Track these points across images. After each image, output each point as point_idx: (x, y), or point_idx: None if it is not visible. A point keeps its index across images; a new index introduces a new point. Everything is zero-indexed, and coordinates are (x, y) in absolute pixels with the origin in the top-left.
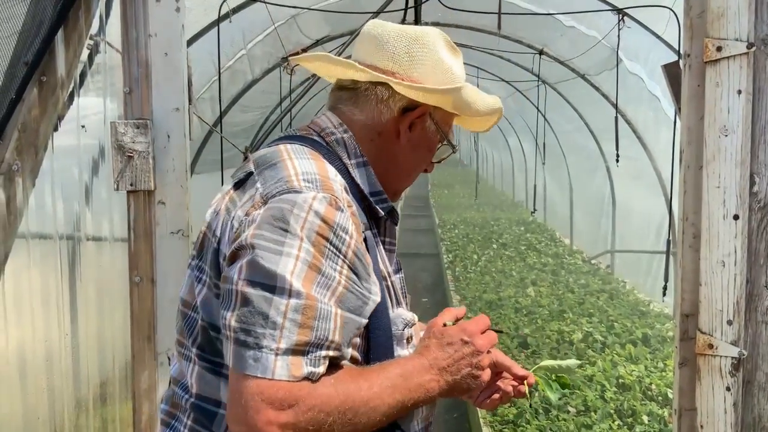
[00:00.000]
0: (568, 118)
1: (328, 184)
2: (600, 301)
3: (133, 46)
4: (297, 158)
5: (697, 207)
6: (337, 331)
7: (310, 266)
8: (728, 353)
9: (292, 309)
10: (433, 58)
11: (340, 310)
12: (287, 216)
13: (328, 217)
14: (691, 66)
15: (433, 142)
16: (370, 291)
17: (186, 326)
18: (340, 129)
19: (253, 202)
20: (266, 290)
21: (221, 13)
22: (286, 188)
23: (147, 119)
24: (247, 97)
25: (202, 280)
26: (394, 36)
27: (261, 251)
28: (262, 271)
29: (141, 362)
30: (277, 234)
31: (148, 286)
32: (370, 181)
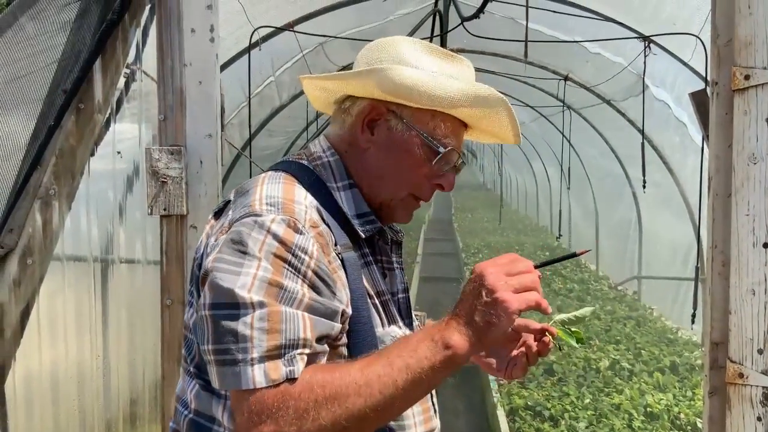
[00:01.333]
0: (592, 143)
1: (290, 207)
2: (627, 328)
3: (168, 74)
4: (268, 184)
5: (726, 235)
6: (308, 330)
7: (269, 282)
8: (759, 383)
9: (257, 318)
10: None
11: (307, 313)
12: (245, 239)
13: (286, 238)
14: (718, 94)
15: (407, 143)
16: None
17: (186, 346)
18: (328, 153)
19: (221, 229)
20: (230, 309)
21: (252, 41)
22: (248, 212)
23: (180, 145)
24: (274, 122)
25: (192, 304)
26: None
27: (220, 273)
28: (222, 291)
29: (171, 384)
30: (235, 256)
31: (179, 309)
32: (356, 203)
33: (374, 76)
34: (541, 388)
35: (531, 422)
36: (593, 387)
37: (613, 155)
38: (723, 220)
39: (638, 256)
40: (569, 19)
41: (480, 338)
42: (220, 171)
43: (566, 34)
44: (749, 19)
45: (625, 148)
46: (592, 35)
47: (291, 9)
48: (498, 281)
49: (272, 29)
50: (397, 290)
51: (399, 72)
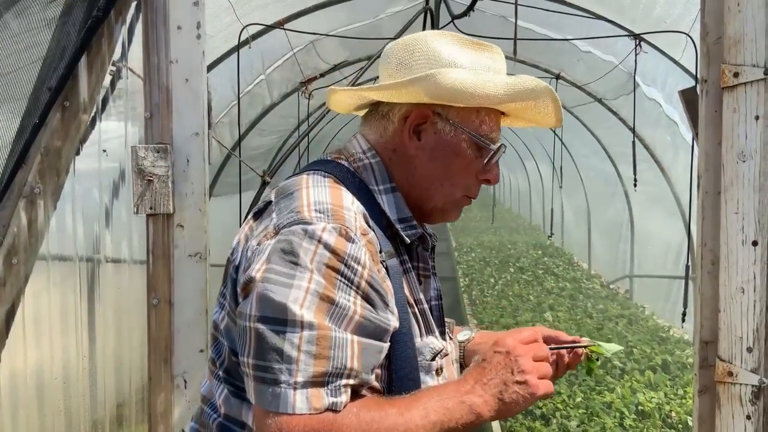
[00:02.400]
0: (585, 142)
1: (340, 214)
2: (619, 326)
3: (154, 72)
4: (313, 187)
5: (715, 233)
6: (355, 358)
7: (321, 297)
8: (748, 381)
9: (305, 341)
10: (427, 57)
11: (357, 336)
12: (296, 249)
13: (338, 248)
14: (708, 92)
15: (458, 145)
16: (388, 319)
17: (215, 349)
18: (369, 154)
19: (265, 232)
20: (278, 324)
21: (241, 39)
22: (297, 219)
23: (167, 144)
24: (265, 121)
25: (224, 307)
26: (392, 50)
27: (270, 284)
28: (272, 305)
29: (157, 385)
30: (286, 267)
31: (166, 308)
32: (398, 207)
33: (422, 84)
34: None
35: (522, 421)
36: (585, 385)
37: (605, 154)
38: (712, 218)
39: (630, 255)
40: (561, 17)
41: (501, 412)
42: (207, 170)
43: (558, 33)
44: (738, 16)
45: (617, 146)
46: (583, 34)
47: (281, 6)
48: (529, 364)
49: (262, 27)
50: (431, 297)
51: (447, 76)
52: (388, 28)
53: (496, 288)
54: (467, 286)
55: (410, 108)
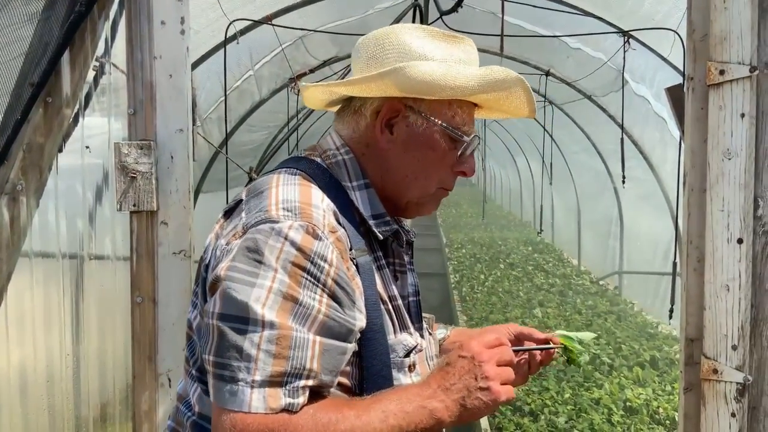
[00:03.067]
0: (575, 139)
1: (308, 212)
2: (608, 322)
3: (138, 67)
4: (282, 185)
5: (701, 230)
6: (315, 359)
7: (284, 296)
8: (733, 378)
9: (265, 340)
10: (398, 50)
11: (320, 337)
12: (261, 247)
13: (305, 245)
14: (694, 89)
15: (431, 138)
16: (354, 318)
17: (189, 347)
18: (342, 150)
19: (234, 232)
20: (239, 322)
21: (228, 34)
22: (264, 218)
23: (151, 140)
24: (254, 117)
25: (197, 306)
26: (363, 44)
27: (233, 283)
28: (234, 303)
29: (142, 383)
30: (250, 265)
31: (150, 306)
32: (371, 204)
33: (391, 77)
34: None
35: (511, 417)
36: (573, 381)
37: (594, 150)
38: (698, 216)
39: (619, 251)
40: (550, 14)
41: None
42: (191, 166)
43: (547, 30)
44: (724, 14)
45: (606, 143)
46: (572, 30)
47: (269, 1)
48: (493, 370)
49: (250, 22)
50: (408, 293)
51: (417, 69)
52: (377, 24)
53: (486, 284)
54: (458, 282)
55: (382, 102)
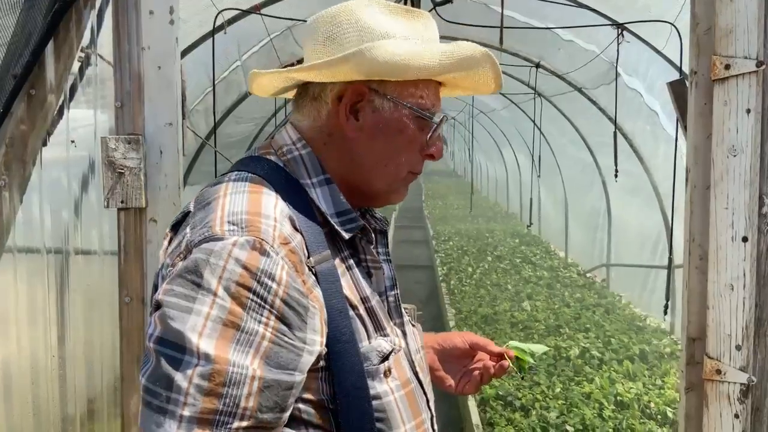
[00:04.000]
0: (563, 132)
1: (256, 224)
2: (596, 315)
3: (125, 59)
4: (231, 194)
5: (704, 228)
6: (252, 397)
7: (224, 323)
8: (737, 379)
9: (197, 374)
10: (357, 29)
11: (263, 370)
12: (201, 268)
13: (250, 263)
14: (697, 84)
15: (399, 121)
16: (305, 341)
17: None
18: (299, 144)
19: (179, 251)
20: (174, 350)
21: (216, 24)
22: (208, 235)
23: (139, 134)
24: (241, 108)
25: None
26: (317, 23)
27: (169, 309)
28: (170, 330)
29: (130, 385)
30: (187, 288)
31: (139, 306)
32: (334, 201)
33: (355, 60)
34: (511, 378)
35: (502, 412)
36: (564, 376)
37: (583, 143)
38: (701, 213)
39: (607, 244)
40: (543, 5)
41: None
42: (181, 161)
43: (540, 21)
44: (730, 6)
45: (595, 136)
46: (565, 22)
47: None
48: None
49: (238, 12)
50: (385, 288)
51: (382, 49)
52: None
53: (474, 277)
54: (445, 275)
55: (344, 86)
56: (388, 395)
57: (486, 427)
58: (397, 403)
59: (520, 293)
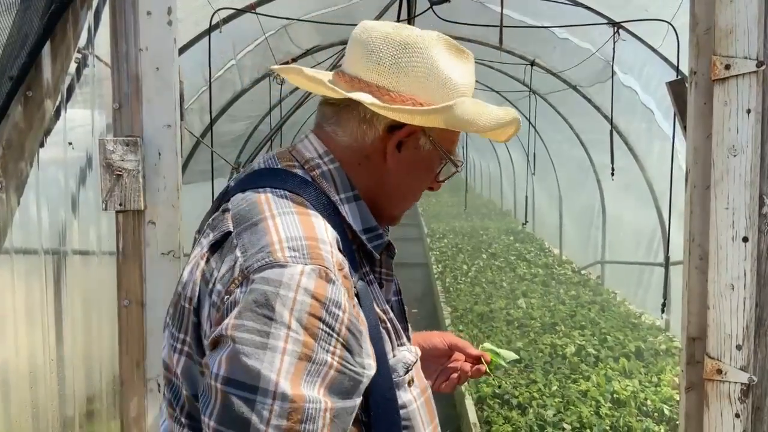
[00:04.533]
0: (558, 129)
1: (317, 251)
2: (591, 313)
3: (123, 60)
4: (280, 216)
5: (704, 228)
6: (325, 429)
7: (299, 357)
8: (738, 379)
9: (276, 415)
10: (426, 66)
11: (330, 400)
12: (272, 300)
13: (319, 293)
14: (697, 84)
15: (431, 160)
16: (363, 366)
17: (171, 392)
18: (326, 159)
19: (232, 276)
20: (248, 391)
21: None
22: (269, 261)
23: (137, 136)
24: (235, 107)
25: (180, 351)
26: (380, 41)
27: (242, 346)
28: (243, 369)
29: (130, 388)
30: (260, 323)
31: (138, 309)
32: (363, 217)
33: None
34: (508, 376)
35: (499, 410)
36: (560, 374)
37: (577, 141)
38: (701, 213)
39: (601, 241)
40: (539, 3)
41: None
42: (179, 163)
43: (535, 19)
44: (730, 6)
45: (590, 133)
46: (561, 20)
47: None
48: None
49: (233, 11)
50: (393, 293)
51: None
52: (363, 14)
53: (469, 275)
54: (440, 273)
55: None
56: (413, 404)
57: (483, 426)
58: (419, 410)
59: (516, 291)
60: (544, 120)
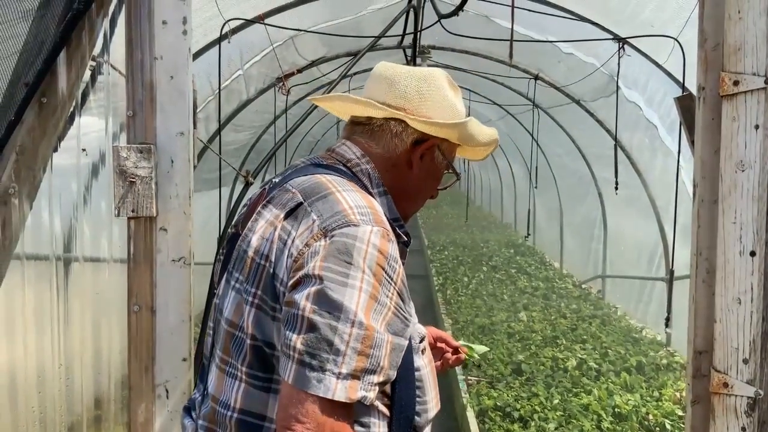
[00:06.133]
0: (559, 143)
1: (379, 218)
2: (592, 327)
3: (137, 68)
4: (345, 191)
5: (711, 242)
6: (386, 357)
7: (370, 296)
8: (744, 393)
9: (354, 338)
10: (440, 95)
11: (389, 335)
12: (350, 249)
13: (384, 249)
14: (705, 99)
15: (439, 171)
16: (410, 314)
17: (234, 346)
18: (364, 160)
19: (311, 234)
20: (332, 319)
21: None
22: (345, 222)
23: (150, 144)
24: (240, 116)
25: (251, 303)
26: (404, 76)
27: (329, 282)
28: (329, 301)
29: (138, 394)
30: (342, 266)
31: (148, 315)
32: (390, 209)
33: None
34: (510, 389)
35: (501, 423)
36: (561, 387)
37: (579, 154)
38: (708, 227)
39: (603, 255)
40: (543, 18)
41: None
42: (192, 171)
43: (540, 34)
44: (739, 24)
45: (592, 147)
46: (565, 35)
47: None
48: None
49: (242, 21)
50: None
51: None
52: (370, 26)
53: (470, 287)
54: (441, 284)
55: (421, 135)
56: (425, 368)
57: None
58: (428, 375)
59: (516, 303)
60: (546, 134)
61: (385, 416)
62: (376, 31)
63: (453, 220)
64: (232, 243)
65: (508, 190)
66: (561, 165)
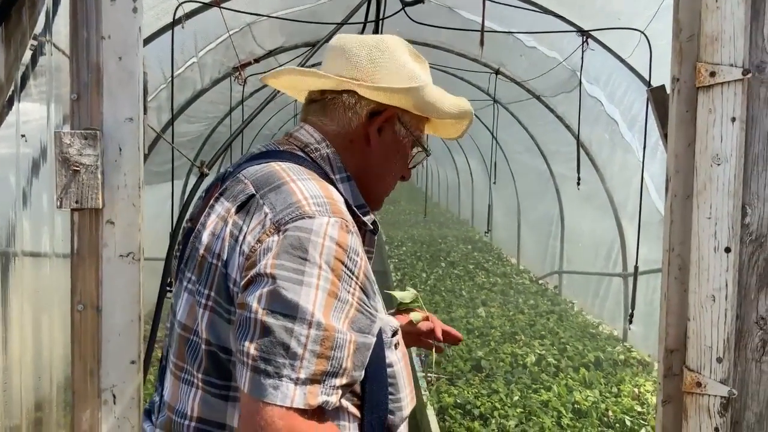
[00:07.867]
0: (518, 139)
1: (337, 207)
2: (550, 322)
3: (83, 48)
4: (299, 180)
5: (684, 238)
6: (349, 358)
7: (329, 293)
8: (717, 392)
9: (311, 340)
10: (395, 61)
11: (352, 334)
12: (305, 244)
13: (342, 241)
14: (680, 91)
15: (404, 146)
16: (376, 309)
17: (189, 351)
18: (323, 144)
19: (264, 229)
20: (287, 320)
21: (175, 17)
22: (299, 214)
23: (96, 129)
24: (194, 107)
25: (205, 305)
26: (355, 45)
27: (282, 281)
28: (283, 301)
29: (83, 399)
30: (296, 263)
31: (93, 314)
32: (353, 195)
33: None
34: (469, 386)
35: (461, 421)
36: (521, 383)
37: (537, 151)
38: (681, 223)
39: (560, 251)
40: (507, 10)
41: None
42: (141, 160)
43: (502, 26)
44: (716, 13)
45: (550, 144)
46: (528, 28)
47: None
48: None
49: (198, 5)
50: None
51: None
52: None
53: (428, 283)
54: (399, 280)
55: (378, 106)
56: (398, 363)
57: None
58: (401, 371)
59: (475, 299)
60: (504, 129)
61: (355, 417)
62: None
63: (411, 216)
64: (187, 238)
65: (466, 186)
66: (519, 161)
